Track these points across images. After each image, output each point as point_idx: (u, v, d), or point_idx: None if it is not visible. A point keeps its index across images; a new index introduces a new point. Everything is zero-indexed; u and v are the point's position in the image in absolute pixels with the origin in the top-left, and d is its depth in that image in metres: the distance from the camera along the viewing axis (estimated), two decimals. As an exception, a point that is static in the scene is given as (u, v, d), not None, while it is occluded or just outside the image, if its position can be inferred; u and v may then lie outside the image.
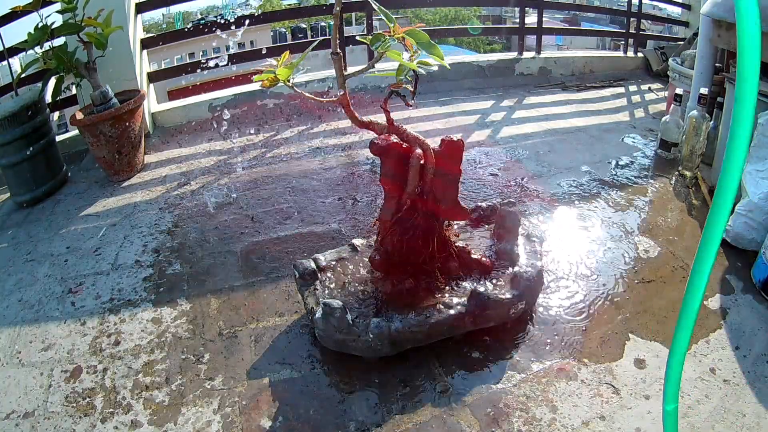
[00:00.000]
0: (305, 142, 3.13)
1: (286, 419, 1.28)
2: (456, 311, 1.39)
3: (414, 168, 1.42)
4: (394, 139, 1.45)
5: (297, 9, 13.94)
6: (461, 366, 1.41)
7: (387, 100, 1.42)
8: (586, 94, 4.02)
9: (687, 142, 2.35)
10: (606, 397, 1.29)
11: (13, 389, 1.45)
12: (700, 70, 2.53)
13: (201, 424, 1.29)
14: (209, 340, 1.56)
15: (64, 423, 1.32)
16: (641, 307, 1.60)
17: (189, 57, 16.19)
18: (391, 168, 1.45)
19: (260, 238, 2.08)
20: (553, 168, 2.60)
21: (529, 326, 1.53)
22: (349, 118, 1.40)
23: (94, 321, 1.69)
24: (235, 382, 1.40)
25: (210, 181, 2.63)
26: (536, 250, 1.61)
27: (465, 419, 1.26)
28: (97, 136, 2.56)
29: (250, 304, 1.71)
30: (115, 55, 2.90)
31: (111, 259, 2.01)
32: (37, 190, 2.60)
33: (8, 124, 2.45)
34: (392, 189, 1.47)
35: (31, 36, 2.53)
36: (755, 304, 1.59)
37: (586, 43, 12.01)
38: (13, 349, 1.60)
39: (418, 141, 1.43)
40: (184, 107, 3.64)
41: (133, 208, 2.41)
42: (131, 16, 3.18)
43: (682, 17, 5.51)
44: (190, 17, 28.09)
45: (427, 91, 3.97)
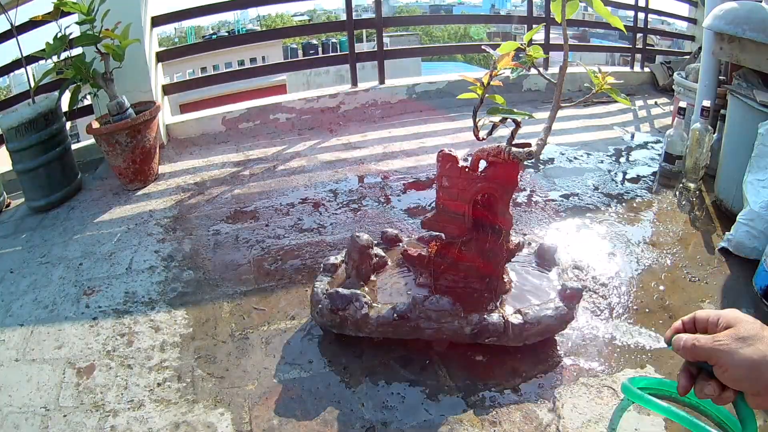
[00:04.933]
0: (317, 155, 3.18)
1: (295, 417, 1.31)
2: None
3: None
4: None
5: (308, 25, 14.16)
6: (466, 369, 1.43)
7: (479, 131, 1.44)
8: (593, 110, 4.06)
9: (690, 155, 2.38)
10: (606, 399, 1.32)
11: (26, 384, 1.49)
12: (704, 83, 2.57)
13: (211, 420, 1.32)
14: (221, 342, 1.60)
15: (76, 417, 1.36)
16: (644, 313, 1.62)
17: (201, 71, 16.46)
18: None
19: (273, 246, 2.12)
20: (559, 181, 2.63)
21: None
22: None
23: (107, 322, 1.73)
24: (245, 382, 1.43)
25: (223, 192, 2.69)
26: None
27: (468, 420, 1.28)
28: (113, 145, 2.62)
29: (262, 307, 1.75)
30: (132, 66, 2.98)
31: (125, 264, 2.06)
32: (52, 196, 2.66)
33: (25, 131, 2.52)
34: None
35: (50, 46, 2.62)
36: (756, 311, 1.61)
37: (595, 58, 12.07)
38: (26, 346, 1.64)
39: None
40: (197, 120, 3.71)
41: (148, 215, 2.47)
42: (147, 29, 3.27)
43: (688, 32, 5.56)
44: (201, 32, 28.53)
45: (437, 107, 4.03)
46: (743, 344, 0.62)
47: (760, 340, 0.62)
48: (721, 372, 0.63)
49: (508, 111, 1.36)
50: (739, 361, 0.61)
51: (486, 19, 19.63)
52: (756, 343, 0.62)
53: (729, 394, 0.64)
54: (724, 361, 0.62)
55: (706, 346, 0.65)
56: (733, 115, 2.19)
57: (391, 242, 1.80)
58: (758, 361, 0.60)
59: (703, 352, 0.65)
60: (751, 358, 0.61)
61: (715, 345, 0.64)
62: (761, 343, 0.62)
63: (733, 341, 0.63)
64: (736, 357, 0.61)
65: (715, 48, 2.34)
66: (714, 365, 0.64)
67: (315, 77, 15.86)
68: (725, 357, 0.62)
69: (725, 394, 0.64)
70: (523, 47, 1.32)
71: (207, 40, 10.19)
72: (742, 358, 0.61)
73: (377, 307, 1.45)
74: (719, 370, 0.63)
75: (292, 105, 3.83)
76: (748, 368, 0.61)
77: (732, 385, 0.63)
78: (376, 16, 4.08)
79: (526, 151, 1.33)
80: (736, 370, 0.62)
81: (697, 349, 0.66)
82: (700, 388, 0.66)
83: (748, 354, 0.61)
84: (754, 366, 0.60)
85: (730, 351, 0.62)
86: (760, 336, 0.63)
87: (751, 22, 2.07)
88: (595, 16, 6.99)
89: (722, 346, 0.63)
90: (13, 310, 1.85)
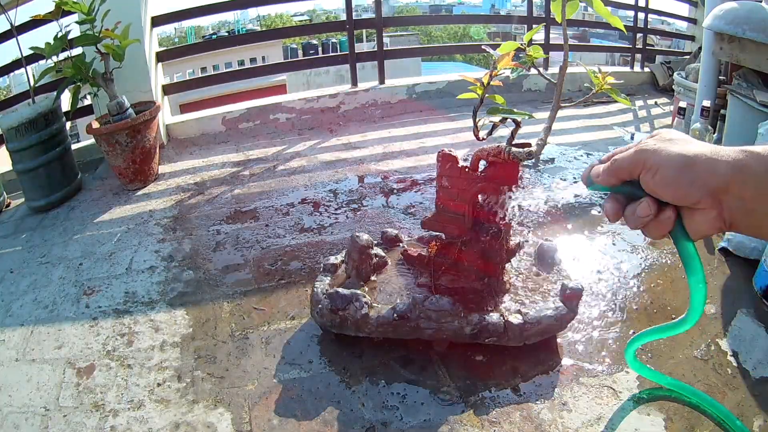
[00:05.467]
0: (317, 155, 3.18)
1: (295, 417, 1.31)
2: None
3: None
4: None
5: (308, 25, 14.16)
6: (466, 369, 1.43)
7: (479, 131, 1.44)
8: (593, 110, 4.07)
9: (691, 155, 2.37)
10: (606, 399, 1.32)
11: (26, 384, 1.49)
12: (704, 83, 2.57)
13: (211, 420, 1.32)
14: (221, 342, 1.60)
15: (76, 417, 1.36)
16: (644, 313, 1.62)
17: (201, 71, 16.45)
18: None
19: (273, 246, 2.12)
20: (559, 181, 2.63)
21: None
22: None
23: (107, 321, 1.73)
24: (245, 382, 1.43)
25: (223, 192, 2.69)
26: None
27: (468, 420, 1.28)
28: (113, 145, 2.62)
29: (262, 308, 1.75)
30: (132, 67, 2.99)
31: (125, 264, 2.06)
32: (51, 196, 2.66)
33: (25, 131, 2.53)
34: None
35: (50, 46, 2.62)
36: (756, 311, 1.61)
37: (595, 58, 12.07)
38: (26, 346, 1.64)
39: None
40: (197, 120, 3.71)
41: (148, 215, 2.47)
42: (147, 29, 3.27)
43: (688, 32, 5.56)
44: (201, 32, 28.53)
45: (437, 107, 4.03)
46: (673, 144, 0.53)
47: (689, 142, 0.53)
48: (650, 177, 0.53)
49: (508, 111, 1.36)
50: (670, 156, 0.51)
51: (486, 19, 19.62)
52: (685, 144, 0.53)
53: (668, 213, 0.54)
54: (652, 161, 0.52)
55: (628, 154, 0.55)
56: (733, 115, 2.19)
57: (391, 242, 1.80)
58: (692, 158, 0.51)
59: (625, 161, 0.55)
60: (684, 153, 0.51)
61: (639, 147, 0.54)
62: (691, 144, 0.53)
63: (660, 142, 0.54)
64: (666, 153, 0.52)
65: (715, 48, 2.34)
66: (641, 173, 0.54)
67: (315, 77, 15.86)
68: (652, 156, 0.52)
69: (663, 213, 0.54)
70: (523, 47, 1.32)
71: (207, 40, 10.19)
72: (674, 153, 0.51)
73: (377, 307, 1.45)
74: (647, 175, 0.53)
75: (292, 105, 3.84)
76: (682, 164, 0.51)
77: (664, 191, 0.52)
78: (376, 16, 4.09)
79: (526, 151, 1.33)
80: (666, 169, 0.51)
81: (618, 162, 0.56)
82: (632, 211, 0.56)
83: (679, 150, 0.52)
84: (687, 162, 0.51)
85: (658, 149, 0.53)
86: (688, 139, 0.54)
87: (751, 22, 2.07)
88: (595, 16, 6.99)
89: (648, 146, 0.54)
90: (13, 310, 1.85)
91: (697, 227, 0.53)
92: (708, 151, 0.51)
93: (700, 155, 0.50)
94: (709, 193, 0.50)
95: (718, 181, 0.49)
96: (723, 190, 0.50)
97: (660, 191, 0.53)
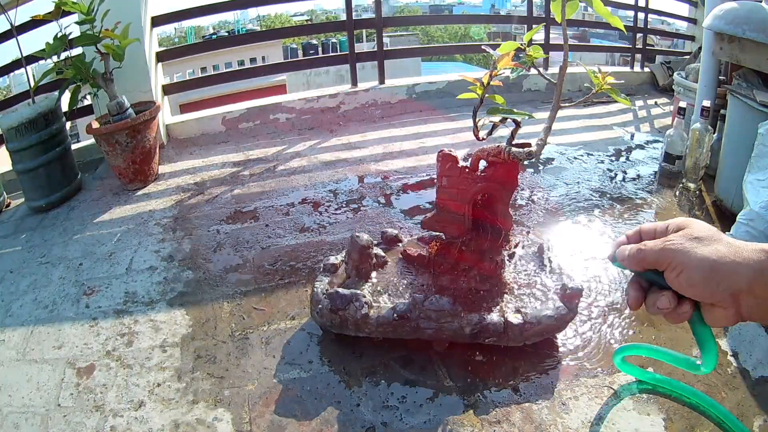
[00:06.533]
0: (317, 155, 3.18)
1: (295, 417, 1.31)
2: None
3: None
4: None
5: (308, 25, 14.15)
6: (466, 369, 1.43)
7: (479, 131, 1.44)
8: (593, 110, 4.06)
9: (690, 155, 2.38)
10: (606, 399, 1.32)
11: (25, 384, 1.49)
12: (704, 83, 2.57)
13: (211, 420, 1.32)
14: (221, 342, 1.60)
15: (76, 417, 1.36)
16: (644, 313, 1.62)
17: (201, 71, 16.46)
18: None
19: (273, 246, 2.12)
20: (559, 181, 2.63)
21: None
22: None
23: (107, 322, 1.73)
24: (245, 381, 1.43)
25: (223, 192, 2.69)
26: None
27: (468, 420, 1.28)
28: (113, 145, 2.62)
29: (262, 308, 1.75)
30: (131, 66, 2.99)
31: (125, 264, 2.06)
32: (51, 196, 2.66)
33: (25, 131, 2.53)
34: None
35: (50, 46, 2.62)
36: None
37: (595, 58, 12.08)
38: (26, 346, 1.65)
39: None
40: (197, 120, 3.71)
41: (148, 215, 2.47)
42: (147, 29, 3.27)
43: (688, 32, 5.56)
44: (201, 32, 28.54)
45: (437, 107, 4.03)
46: (699, 244, 0.55)
47: (717, 241, 0.55)
48: (674, 276, 0.55)
49: (508, 111, 1.36)
50: (696, 260, 0.53)
51: (486, 19, 19.63)
52: (713, 243, 0.54)
53: (686, 308, 0.57)
54: (678, 261, 0.55)
55: (655, 248, 0.57)
56: (733, 115, 2.19)
57: (391, 242, 1.80)
58: (717, 262, 0.53)
59: (652, 255, 0.57)
60: (709, 258, 0.53)
61: (666, 245, 0.56)
62: (718, 243, 0.54)
63: (687, 241, 0.55)
64: (692, 256, 0.54)
65: (715, 48, 2.34)
66: (666, 269, 0.56)
67: (315, 77, 15.87)
68: (679, 256, 0.55)
69: (682, 308, 0.57)
70: (523, 47, 1.32)
71: (207, 40, 10.20)
72: (699, 256, 0.53)
73: (377, 307, 1.45)
74: (672, 273, 0.55)
75: (292, 105, 3.84)
76: (706, 269, 0.53)
77: (687, 290, 0.55)
78: (376, 16, 4.09)
79: (526, 151, 1.33)
80: (691, 271, 0.54)
81: (645, 253, 0.58)
82: (653, 302, 0.59)
83: (705, 253, 0.53)
84: (713, 267, 0.53)
85: (684, 250, 0.55)
86: (716, 237, 0.55)
87: (751, 22, 2.07)
88: (595, 16, 7.00)
89: (675, 245, 0.55)
90: (13, 310, 1.85)
91: (715, 319, 0.56)
92: (731, 253, 0.53)
93: (723, 258, 0.53)
94: (731, 294, 0.53)
95: (741, 285, 0.52)
96: (744, 292, 0.52)
97: (684, 290, 0.56)
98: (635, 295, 0.61)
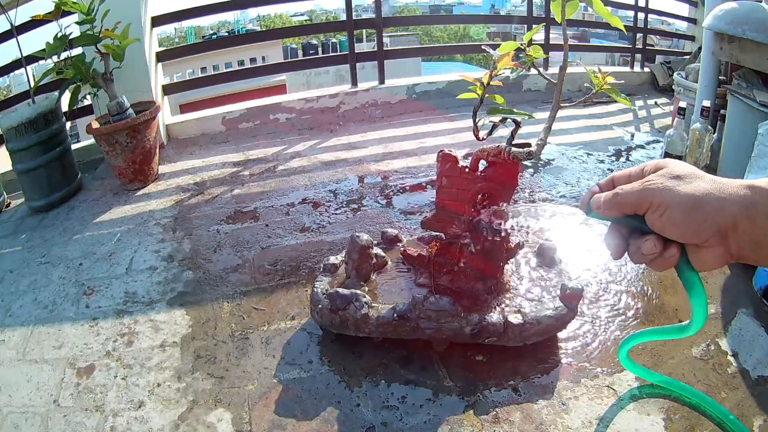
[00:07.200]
0: (317, 155, 3.18)
1: (295, 417, 1.31)
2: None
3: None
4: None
5: (308, 25, 14.16)
6: (466, 369, 1.43)
7: (479, 131, 1.44)
8: (593, 110, 4.06)
9: (690, 155, 2.38)
10: (606, 399, 1.32)
11: (25, 384, 1.49)
12: (704, 83, 2.57)
13: (211, 420, 1.32)
14: (221, 342, 1.60)
15: (76, 417, 1.36)
16: (645, 313, 1.62)
17: (201, 71, 16.46)
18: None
19: (273, 246, 2.12)
20: (559, 181, 2.63)
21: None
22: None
23: (107, 322, 1.73)
24: (245, 381, 1.43)
25: (223, 192, 2.69)
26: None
27: (468, 420, 1.28)
28: (113, 145, 2.62)
29: (262, 308, 1.75)
30: (131, 67, 2.99)
31: (125, 264, 2.06)
32: (51, 196, 2.66)
33: (25, 131, 2.52)
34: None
35: (50, 46, 2.62)
36: (756, 311, 1.61)
37: (595, 58, 12.09)
38: (26, 346, 1.65)
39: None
40: (197, 120, 3.71)
41: (148, 215, 2.47)
42: (147, 29, 3.27)
43: (688, 32, 5.56)
44: (201, 32, 28.54)
45: (437, 107, 4.03)
46: (680, 181, 0.52)
47: (699, 178, 0.52)
48: (657, 217, 0.52)
49: (508, 111, 1.36)
50: (678, 198, 0.51)
51: (486, 19, 19.63)
52: (695, 181, 0.52)
53: (673, 251, 0.54)
54: (659, 200, 0.52)
55: (633, 190, 0.54)
56: (733, 115, 2.19)
57: (391, 242, 1.80)
58: (701, 198, 0.50)
59: (630, 197, 0.54)
60: (692, 194, 0.50)
61: (645, 185, 0.53)
62: (701, 180, 0.52)
63: (667, 179, 0.52)
64: (674, 193, 0.51)
65: (715, 48, 2.34)
66: (647, 211, 0.53)
67: (315, 77, 15.88)
68: (659, 196, 0.52)
69: (668, 251, 0.54)
70: (523, 47, 1.32)
71: (207, 40, 10.21)
72: (681, 194, 0.51)
73: (377, 307, 1.45)
74: (654, 214, 0.52)
75: (292, 105, 3.84)
76: (691, 206, 0.50)
77: (671, 230, 0.52)
78: (376, 16, 4.09)
79: (526, 151, 1.33)
80: (674, 210, 0.51)
81: (623, 197, 0.55)
82: (636, 248, 0.56)
83: (687, 190, 0.51)
84: (697, 203, 0.50)
85: (665, 188, 0.52)
86: (698, 174, 0.53)
87: (751, 22, 2.07)
88: (595, 16, 7.00)
89: (654, 184, 0.52)
90: (13, 310, 1.85)
91: (703, 262, 0.53)
92: (715, 189, 0.50)
93: (707, 195, 0.50)
94: (717, 231, 0.50)
95: (727, 221, 0.49)
96: (731, 228, 0.50)
97: (668, 231, 0.53)
98: (616, 243, 0.58)
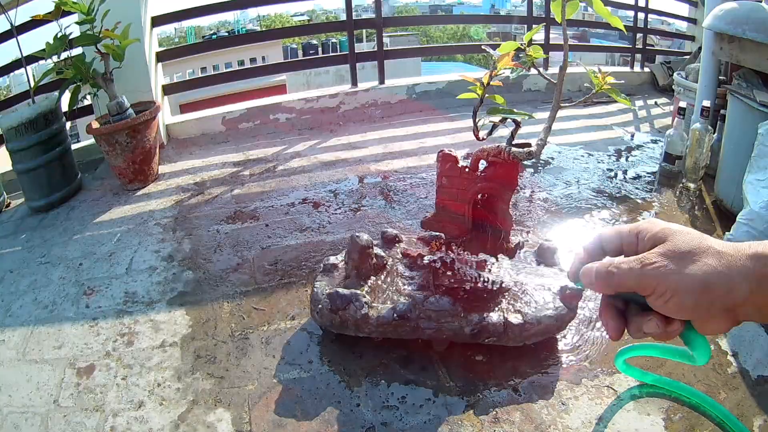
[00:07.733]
0: (317, 155, 3.18)
1: (295, 417, 1.31)
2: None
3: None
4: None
5: (308, 25, 14.16)
6: (466, 369, 1.43)
7: (479, 131, 1.44)
8: (593, 110, 4.06)
9: (690, 155, 2.38)
10: (606, 399, 1.32)
11: (25, 384, 1.49)
12: (704, 83, 2.57)
13: (211, 420, 1.32)
14: (221, 342, 1.60)
15: (76, 417, 1.36)
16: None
17: (201, 71, 16.46)
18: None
19: (272, 246, 2.12)
20: (559, 181, 2.63)
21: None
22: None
23: (107, 322, 1.73)
24: (245, 381, 1.43)
25: (223, 192, 2.69)
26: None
27: (468, 420, 1.28)
28: (113, 145, 2.62)
29: (262, 308, 1.75)
30: (131, 67, 2.98)
31: (125, 264, 2.06)
32: (51, 196, 2.66)
33: (25, 131, 2.52)
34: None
35: (50, 46, 2.62)
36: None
37: (595, 58, 12.09)
38: (26, 346, 1.65)
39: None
40: (197, 120, 3.71)
41: (148, 215, 2.47)
42: (147, 29, 3.27)
43: (688, 32, 5.56)
44: (201, 32, 28.55)
45: (437, 107, 4.03)
46: (685, 261, 0.47)
47: (704, 253, 0.47)
48: (662, 303, 0.48)
49: (508, 111, 1.36)
50: (685, 283, 0.46)
51: (486, 19, 19.65)
52: (701, 257, 0.47)
53: (675, 327, 0.50)
54: (664, 287, 0.47)
55: (632, 273, 0.49)
56: (733, 115, 2.19)
57: (391, 242, 1.79)
58: (709, 280, 0.46)
59: (629, 280, 0.49)
60: (700, 278, 0.46)
61: (647, 270, 0.48)
62: (706, 256, 0.47)
63: (670, 261, 0.47)
64: (680, 279, 0.46)
65: (715, 48, 2.34)
66: (649, 295, 0.49)
67: (315, 77, 15.88)
68: (664, 281, 0.47)
69: (671, 327, 0.50)
70: (523, 47, 1.32)
71: (207, 40, 10.20)
72: (688, 278, 0.46)
73: (377, 307, 1.45)
74: (659, 300, 0.48)
75: (292, 105, 3.84)
76: (698, 291, 0.46)
77: (678, 314, 0.48)
78: (376, 16, 4.09)
79: (526, 151, 1.33)
80: (682, 296, 0.46)
81: (619, 278, 0.50)
82: (637, 327, 0.52)
83: (694, 272, 0.46)
84: (705, 285, 0.46)
85: (669, 273, 0.47)
86: (703, 247, 0.48)
87: (751, 22, 2.07)
88: (595, 16, 7.00)
89: (657, 269, 0.48)
90: (13, 310, 1.85)
91: (708, 330, 0.50)
92: (723, 266, 0.47)
93: (716, 275, 0.46)
94: (725, 309, 0.47)
95: (736, 301, 0.46)
96: (740, 305, 0.47)
97: (673, 315, 0.49)
98: (615, 325, 0.53)
